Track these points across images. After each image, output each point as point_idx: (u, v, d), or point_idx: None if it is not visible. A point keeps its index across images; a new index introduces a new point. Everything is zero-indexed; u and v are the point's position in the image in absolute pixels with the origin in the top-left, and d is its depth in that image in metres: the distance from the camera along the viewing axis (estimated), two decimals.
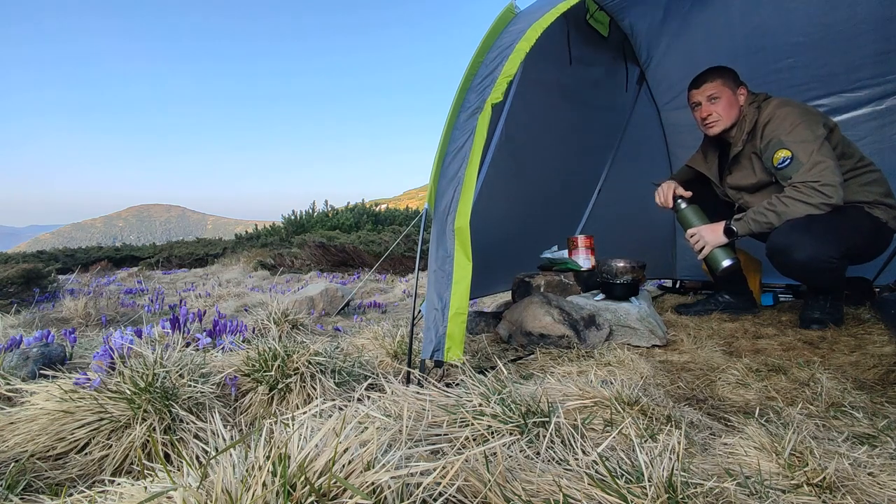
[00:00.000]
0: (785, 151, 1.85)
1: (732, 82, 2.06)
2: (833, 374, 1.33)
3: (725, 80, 2.05)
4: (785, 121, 1.87)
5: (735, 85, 2.06)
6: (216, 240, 12.71)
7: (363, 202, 13.13)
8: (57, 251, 10.78)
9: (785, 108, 1.91)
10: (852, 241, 1.83)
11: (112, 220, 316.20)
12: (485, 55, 1.52)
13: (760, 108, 1.99)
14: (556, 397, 1.00)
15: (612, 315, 1.85)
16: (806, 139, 1.82)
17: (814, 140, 1.81)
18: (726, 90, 2.04)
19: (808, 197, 1.77)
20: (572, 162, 2.80)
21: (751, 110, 2.01)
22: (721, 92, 2.05)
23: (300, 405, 1.14)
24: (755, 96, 2.05)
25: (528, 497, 0.64)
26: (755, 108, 2.00)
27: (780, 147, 1.86)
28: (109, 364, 1.13)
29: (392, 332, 1.69)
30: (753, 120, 1.99)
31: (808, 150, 1.80)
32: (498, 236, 2.33)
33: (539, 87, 2.23)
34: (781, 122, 1.88)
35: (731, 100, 2.06)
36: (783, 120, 1.88)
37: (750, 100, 2.04)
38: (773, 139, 1.89)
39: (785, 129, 1.86)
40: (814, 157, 1.79)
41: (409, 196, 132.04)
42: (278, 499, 0.55)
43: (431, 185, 1.43)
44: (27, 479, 0.84)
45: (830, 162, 1.78)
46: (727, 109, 2.06)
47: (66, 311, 2.59)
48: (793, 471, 0.75)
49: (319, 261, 7.34)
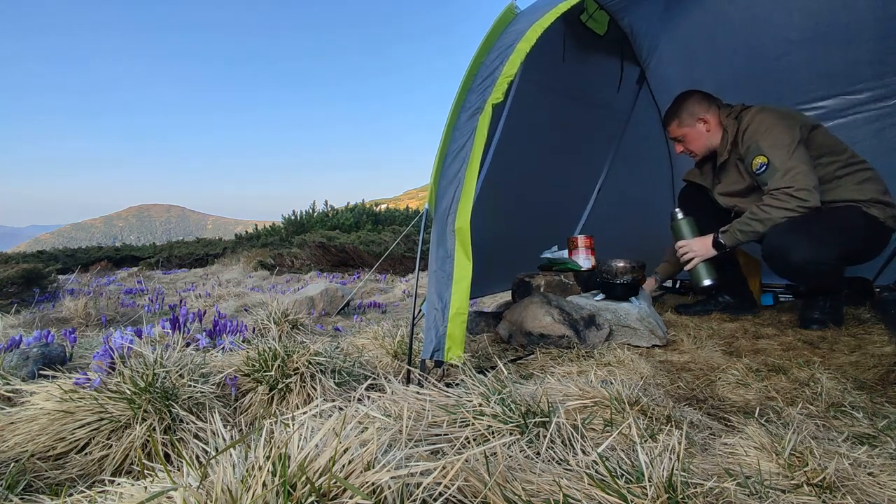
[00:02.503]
0: (762, 157, 1.90)
1: (689, 117, 2.12)
2: (833, 374, 1.33)
3: (681, 120, 2.15)
4: (761, 126, 1.92)
5: (693, 119, 2.12)
6: (216, 240, 12.71)
7: (363, 202, 13.14)
8: (57, 251, 10.78)
9: (762, 114, 1.96)
10: (849, 241, 1.83)
11: (112, 220, 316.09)
12: (485, 56, 1.52)
13: (740, 118, 2.03)
14: (557, 397, 1.00)
15: (612, 315, 1.85)
16: (779, 144, 1.86)
17: (788, 145, 1.85)
18: (685, 129, 2.15)
19: (785, 203, 1.81)
20: (573, 162, 2.80)
21: (730, 122, 2.06)
22: (681, 133, 2.17)
23: (300, 405, 1.14)
24: (731, 109, 2.10)
25: (528, 497, 0.64)
26: (734, 119, 2.05)
27: (757, 153, 1.92)
28: (109, 364, 1.13)
29: (392, 332, 1.69)
30: (734, 130, 2.04)
31: (782, 156, 1.84)
32: (498, 236, 2.33)
33: (539, 87, 2.23)
34: (758, 127, 1.93)
35: (692, 135, 2.16)
36: (759, 125, 1.93)
37: (727, 113, 2.09)
38: (751, 145, 1.94)
39: (761, 134, 1.91)
40: (787, 163, 1.83)
41: (409, 196, 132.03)
42: (278, 499, 0.55)
43: (432, 186, 1.43)
44: (27, 479, 0.84)
45: (804, 167, 1.82)
46: (696, 142, 2.17)
47: (66, 311, 2.59)
48: (793, 471, 0.75)
49: (319, 261, 7.34)
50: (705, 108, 2.12)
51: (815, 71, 2.45)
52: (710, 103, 2.13)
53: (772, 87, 2.54)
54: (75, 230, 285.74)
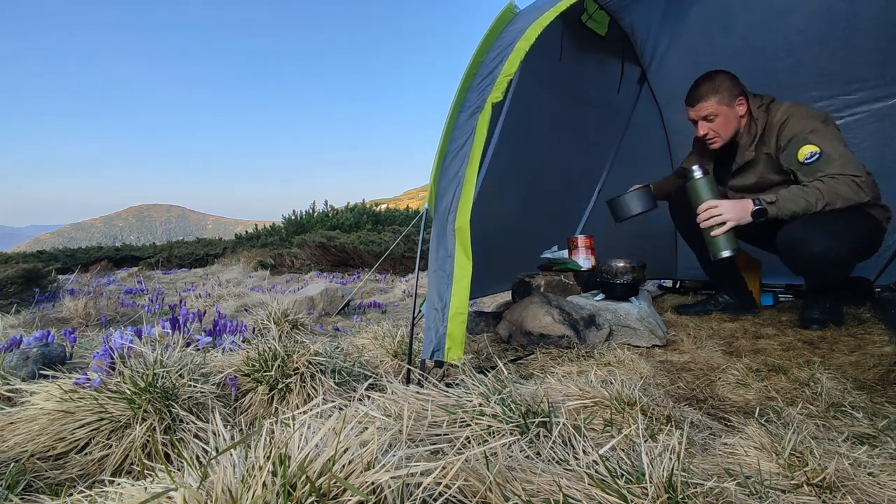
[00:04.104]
0: (812, 147, 1.81)
1: (729, 96, 1.97)
2: (833, 374, 1.33)
3: (721, 96, 1.97)
4: (805, 119, 1.86)
5: (732, 98, 1.98)
6: (216, 240, 12.71)
7: (363, 202, 13.14)
8: (57, 251, 10.78)
9: (801, 107, 1.90)
10: (859, 237, 1.84)
11: (112, 220, 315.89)
12: (485, 55, 1.52)
13: (769, 109, 1.96)
14: (557, 397, 1.00)
15: (612, 315, 1.85)
16: (830, 136, 1.82)
17: (839, 138, 1.82)
18: (722, 107, 1.98)
19: (850, 189, 1.74)
20: (573, 162, 2.80)
21: (760, 113, 1.97)
22: (717, 110, 1.99)
23: (300, 405, 1.14)
24: (761, 98, 2.01)
25: (528, 497, 0.64)
26: (763, 110, 1.97)
27: (805, 143, 1.82)
28: (109, 364, 1.13)
29: (392, 332, 1.69)
30: (764, 122, 1.96)
31: (837, 146, 1.80)
32: (498, 236, 2.33)
33: (539, 86, 2.23)
34: (801, 120, 1.86)
35: (727, 116, 2.00)
36: (802, 118, 1.86)
37: (757, 103, 1.99)
38: (795, 136, 1.86)
39: (808, 126, 1.84)
40: (845, 154, 1.78)
41: (409, 196, 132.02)
42: (278, 499, 0.54)
43: (432, 185, 1.43)
44: (27, 479, 0.84)
45: (858, 161, 1.79)
46: (724, 126, 2.01)
47: (66, 311, 2.59)
48: (793, 471, 0.75)
49: (319, 261, 7.34)
50: (741, 90, 2.00)
51: (814, 71, 2.45)
52: (741, 87, 2.01)
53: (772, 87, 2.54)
54: (75, 230, 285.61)
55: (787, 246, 1.86)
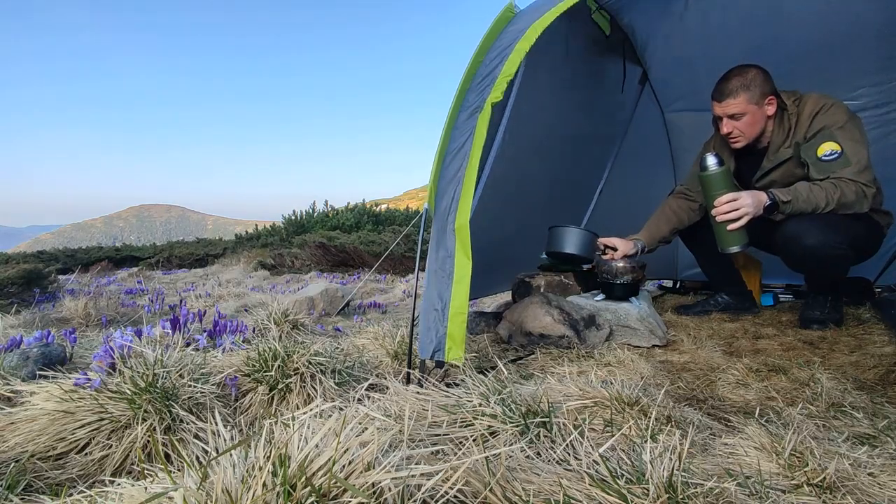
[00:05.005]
0: (834, 145, 1.76)
1: (759, 94, 1.85)
2: (833, 374, 1.33)
3: (752, 94, 1.84)
4: (836, 114, 1.80)
5: (762, 96, 1.85)
6: (216, 240, 12.71)
7: (363, 202, 13.13)
8: (57, 251, 10.78)
9: (832, 100, 1.84)
10: (857, 236, 1.83)
11: (112, 220, 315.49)
12: (484, 55, 1.52)
13: (801, 103, 1.89)
14: (557, 397, 1.00)
15: (612, 315, 1.85)
16: (857, 139, 1.78)
17: (866, 144, 1.79)
18: (751, 106, 1.85)
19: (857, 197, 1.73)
20: (574, 162, 2.80)
21: (794, 108, 1.88)
22: (745, 109, 1.86)
23: (300, 405, 1.14)
24: (792, 94, 1.90)
25: (528, 497, 0.64)
26: (796, 104, 1.89)
27: (829, 139, 1.77)
28: (110, 364, 1.13)
29: (392, 332, 1.69)
30: (796, 117, 1.87)
31: (860, 151, 1.76)
32: (498, 236, 2.33)
33: (540, 87, 2.23)
34: (833, 114, 1.80)
35: (755, 116, 1.88)
36: (836, 113, 1.80)
37: (791, 98, 1.89)
38: (824, 129, 1.79)
39: (838, 122, 1.79)
40: (865, 162, 1.76)
41: (409, 196, 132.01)
42: (278, 499, 0.54)
43: (431, 185, 1.43)
44: (27, 480, 0.84)
45: (874, 173, 1.77)
46: (751, 126, 1.90)
47: (67, 312, 2.59)
48: (793, 471, 0.75)
49: (319, 261, 7.33)
50: (772, 87, 1.87)
51: (816, 76, 2.44)
52: (772, 84, 1.89)
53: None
54: (75, 230, 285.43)
55: (784, 240, 1.85)
